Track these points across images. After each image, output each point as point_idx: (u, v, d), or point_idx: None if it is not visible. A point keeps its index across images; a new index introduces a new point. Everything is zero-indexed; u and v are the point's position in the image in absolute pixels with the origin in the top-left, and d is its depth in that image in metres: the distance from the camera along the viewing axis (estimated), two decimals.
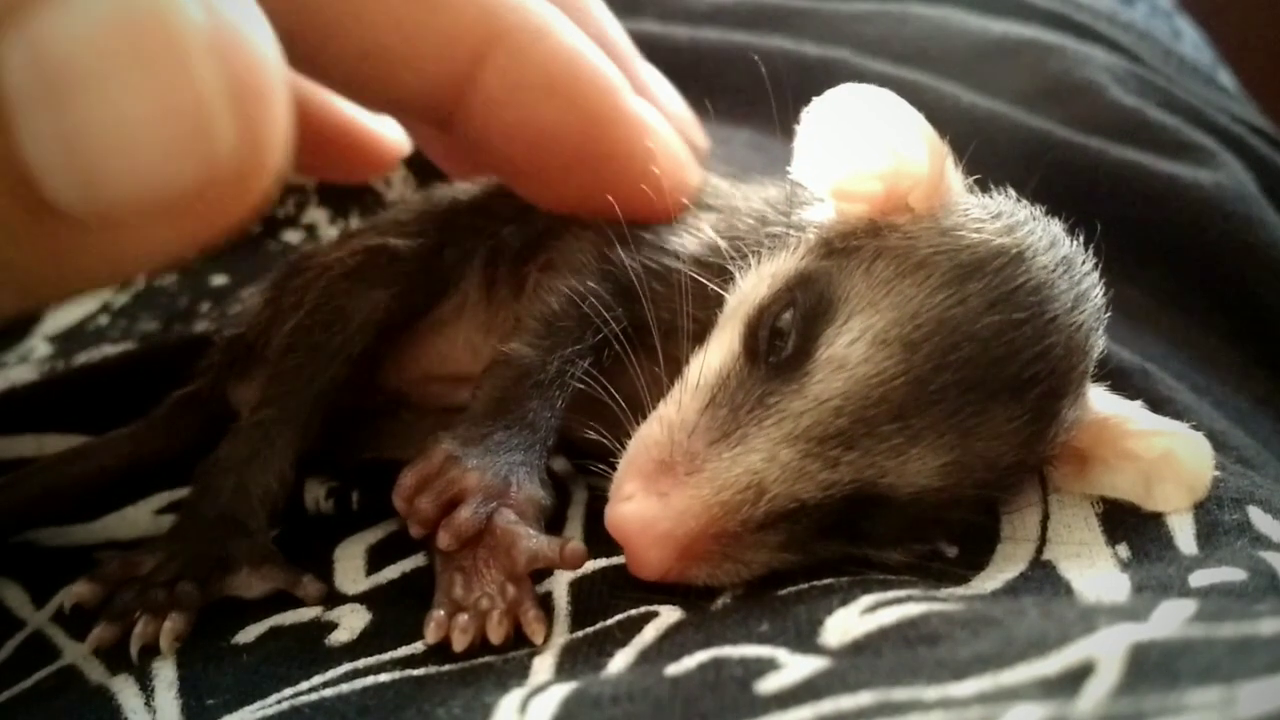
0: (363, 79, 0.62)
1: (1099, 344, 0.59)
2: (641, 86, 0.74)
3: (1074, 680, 0.38)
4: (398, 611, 0.57)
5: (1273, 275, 0.90)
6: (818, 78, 0.63)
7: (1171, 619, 0.42)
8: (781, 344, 0.55)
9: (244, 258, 0.93)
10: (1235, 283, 0.91)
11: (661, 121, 0.68)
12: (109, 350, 0.85)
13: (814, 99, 0.59)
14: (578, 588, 0.57)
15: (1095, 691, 0.37)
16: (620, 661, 0.50)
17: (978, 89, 0.99)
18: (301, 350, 0.66)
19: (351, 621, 0.57)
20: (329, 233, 0.95)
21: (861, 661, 0.43)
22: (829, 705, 0.40)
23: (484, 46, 0.61)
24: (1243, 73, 1.40)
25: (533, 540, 0.55)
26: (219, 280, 0.92)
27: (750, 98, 0.89)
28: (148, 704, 0.52)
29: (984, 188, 0.62)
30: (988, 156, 0.61)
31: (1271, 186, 0.99)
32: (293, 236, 0.95)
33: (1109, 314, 0.60)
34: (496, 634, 0.52)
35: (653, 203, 0.66)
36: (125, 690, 0.53)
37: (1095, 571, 0.55)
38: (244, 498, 0.62)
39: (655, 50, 1.04)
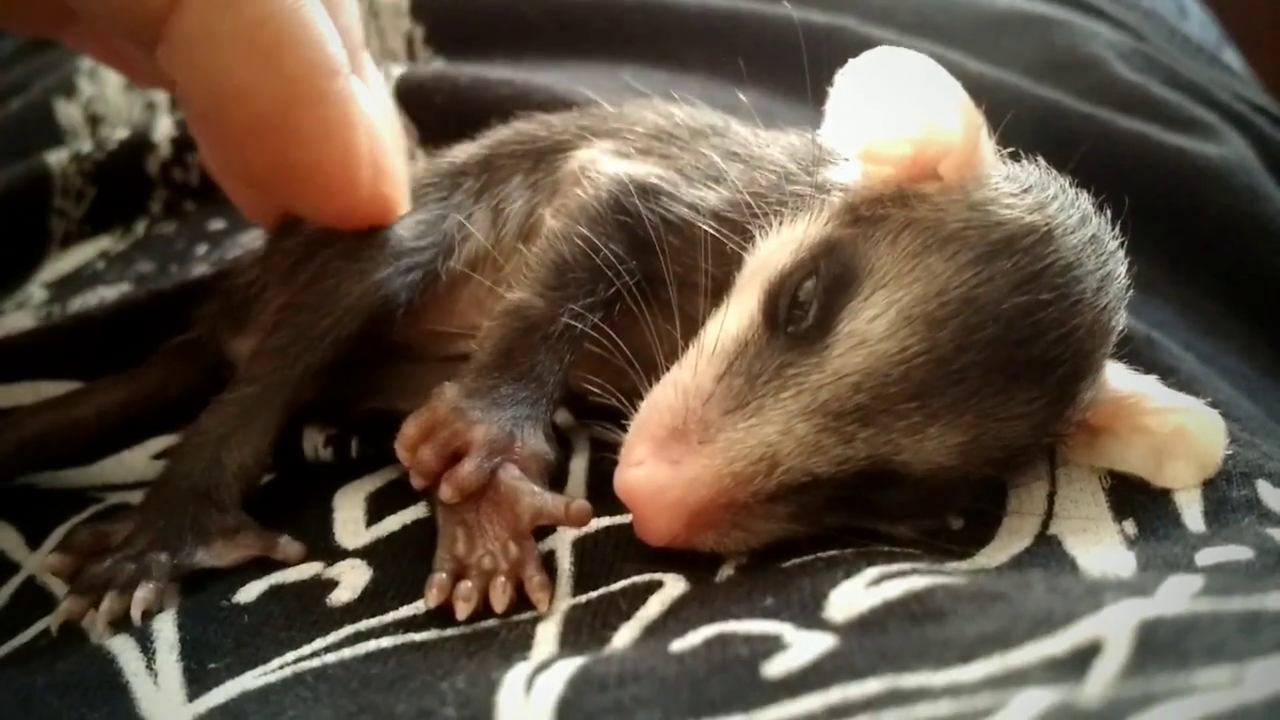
0: None
1: (1121, 323, 0.59)
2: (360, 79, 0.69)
3: (1082, 660, 0.38)
4: (399, 567, 0.57)
5: (1277, 247, 0.90)
6: (824, 45, 0.62)
7: (1178, 594, 0.41)
8: (802, 314, 0.55)
9: None
10: (1240, 254, 0.91)
11: (377, 114, 0.64)
12: (105, 292, 0.84)
13: (819, 65, 0.58)
14: (581, 547, 0.57)
15: (1103, 673, 0.37)
16: (625, 636, 0.50)
17: (984, 60, 0.99)
18: (288, 330, 0.65)
19: (352, 579, 0.57)
20: None
21: (868, 642, 0.43)
22: (837, 694, 0.40)
23: None
24: (1248, 51, 1.40)
25: (536, 497, 0.55)
26: (216, 225, 0.91)
27: (756, 64, 0.88)
28: (149, 667, 0.52)
29: (1014, 158, 0.61)
30: (996, 125, 0.60)
31: (1275, 164, 0.99)
32: None
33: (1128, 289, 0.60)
34: (500, 602, 0.52)
35: (348, 196, 0.63)
36: (126, 653, 0.53)
37: (1101, 549, 0.55)
38: (219, 473, 0.61)
39: (663, 17, 1.04)
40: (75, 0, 0.59)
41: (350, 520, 0.62)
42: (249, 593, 0.56)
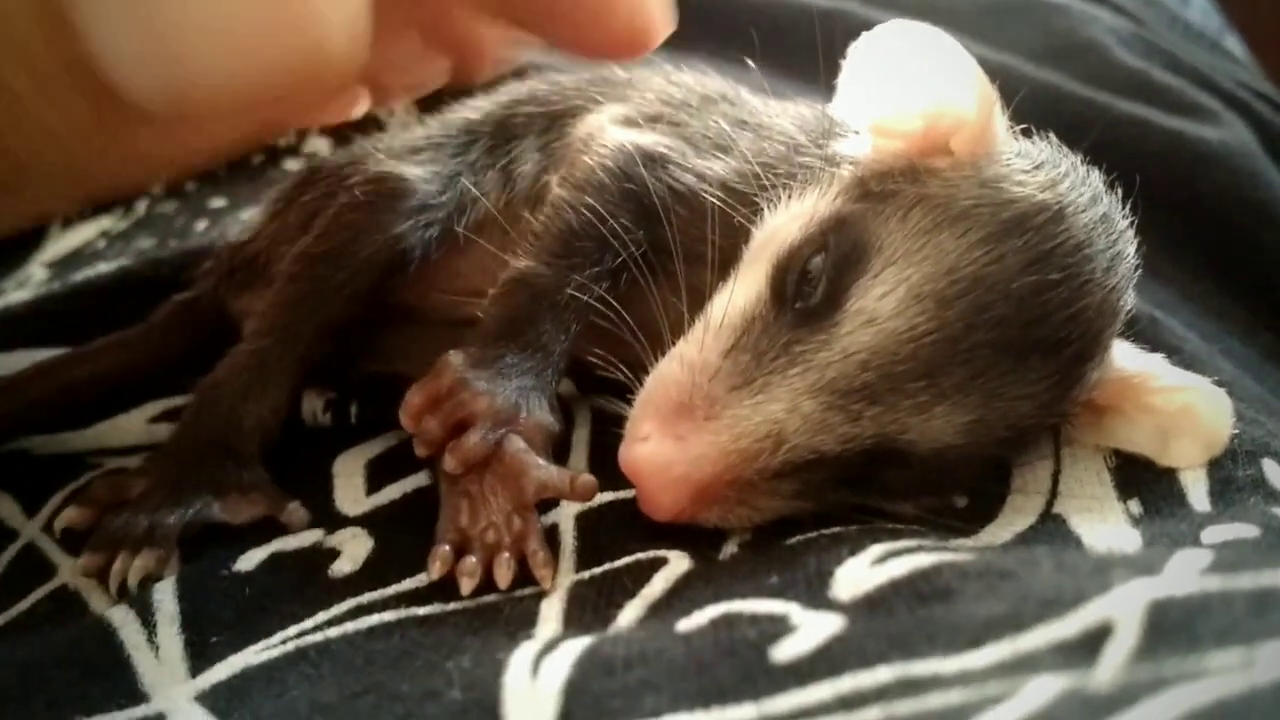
0: None
1: (1129, 303, 0.58)
2: None
3: (1092, 644, 0.38)
4: (401, 538, 0.57)
5: (1277, 231, 0.90)
6: (825, 28, 0.61)
7: (1187, 571, 0.41)
8: (810, 290, 0.54)
9: (244, 183, 0.92)
10: (1240, 238, 0.91)
11: None
12: (104, 268, 0.83)
13: (820, 48, 0.57)
14: (584, 521, 0.56)
15: (1114, 657, 0.37)
16: (629, 614, 0.49)
17: (984, 43, 0.98)
18: (305, 281, 0.64)
19: (354, 549, 0.56)
20: None
21: (876, 625, 0.43)
22: (848, 683, 0.39)
23: None
24: (1250, 38, 1.40)
25: (541, 470, 0.55)
26: (217, 203, 0.91)
27: (758, 46, 0.88)
28: (150, 640, 0.52)
29: (1026, 135, 0.60)
30: (1005, 106, 0.60)
31: (1275, 149, 0.99)
32: (294, 165, 0.94)
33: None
34: (504, 578, 0.52)
35: (606, 25, 0.56)
36: (127, 626, 0.52)
37: (1106, 526, 0.55)
38: (236, 426, 0.61)
39: None
40: None
41: (350, 487, 0.62)
42: (249, 560, 0.56)
